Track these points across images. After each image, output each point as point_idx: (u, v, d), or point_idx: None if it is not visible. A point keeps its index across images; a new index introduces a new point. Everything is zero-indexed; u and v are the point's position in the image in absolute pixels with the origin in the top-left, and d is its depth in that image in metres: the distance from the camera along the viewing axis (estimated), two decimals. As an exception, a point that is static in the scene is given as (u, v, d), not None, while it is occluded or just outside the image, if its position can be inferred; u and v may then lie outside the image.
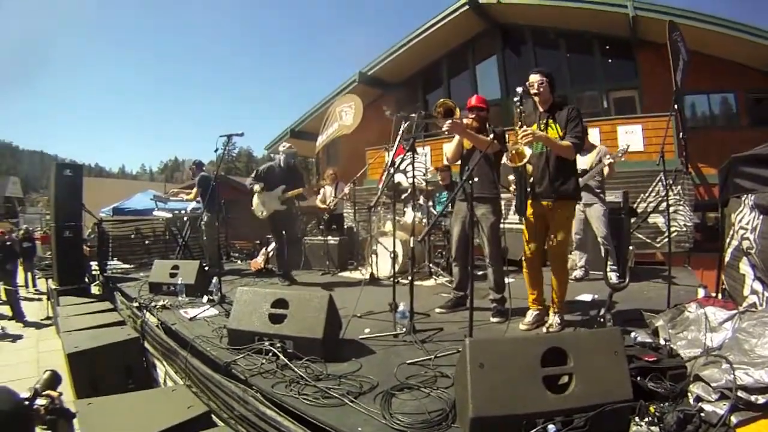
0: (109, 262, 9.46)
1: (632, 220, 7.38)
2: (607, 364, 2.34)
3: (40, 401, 2.01)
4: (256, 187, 6.86)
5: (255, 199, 6.98)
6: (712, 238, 7.40)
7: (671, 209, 7.93)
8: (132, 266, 9.62)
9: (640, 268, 7.01)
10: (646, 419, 2.22)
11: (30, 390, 2.02)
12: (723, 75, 11.42)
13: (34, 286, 11.77)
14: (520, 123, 3.77)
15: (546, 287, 4.21)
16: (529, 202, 4.02)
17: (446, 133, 4.49)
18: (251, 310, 3.81)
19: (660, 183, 8.82)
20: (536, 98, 3.99)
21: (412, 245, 4.35)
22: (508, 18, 13.76)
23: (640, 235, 8.50)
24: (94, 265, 9.30)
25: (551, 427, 2.13)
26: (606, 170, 6.03)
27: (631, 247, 6.66)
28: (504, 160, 3.92)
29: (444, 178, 7.78)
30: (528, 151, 3.67)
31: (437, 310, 4.90)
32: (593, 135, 10.86)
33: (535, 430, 2.14)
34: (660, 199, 8.72)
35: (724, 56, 11.14)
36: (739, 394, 2.22)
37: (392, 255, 5.22)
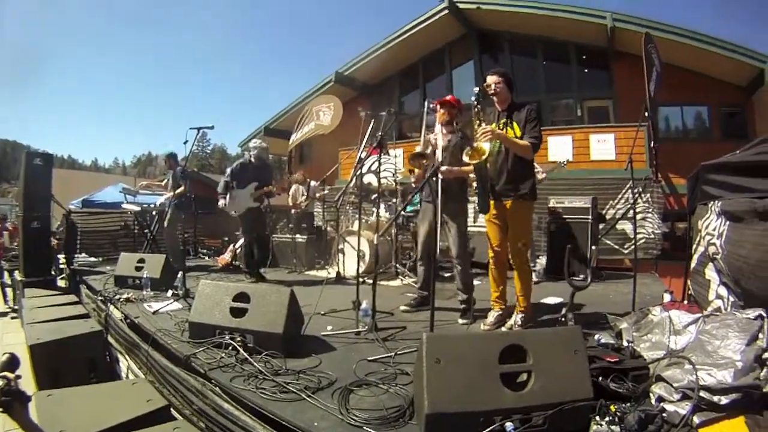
0: (76, 256, 9.23)
1: (600, 226, 7.48)
2: (567, 363, 2.32)
3: None
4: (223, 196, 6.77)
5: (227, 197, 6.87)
6: (680, 248, 7.50)
7: (639, 216, 8.03)
8: (99, 259, 9.43)
9: (606, 273, 7.09)
10: (607, 418, 2.19)
11: None
12: (697, 88, 11.70)
13: (0, 278, 11.47)
14: (478, 121, 3.82)
15: (510, 289, 4.23)
16: (492, 202, 4.04)
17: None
18: (213, 303, 3.73)
19: (629, 190, 8.94)
20: (494, 98, 4.04)
21: (375, 242, 4.29)
22: (486, 24, 13.90)
23: (608, 241, 8.59)
24: (61, 258, 9.06)
25: (509, 424, 2.09)
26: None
27: (593, 247, 6.73)
28: (464, 157, 3.90)
29: (418, 179, 7.69)
30: (487, 147, 3.70)
31: (401, 308, 4.86)
32: (566, 143, 11.03)
33: (492, 427, 2.10)
34: (629, 206, 8.83)
35: (699, 70, 11.43)
36: (702, 394, 2.22)
37: (358, 254, 5.17)
